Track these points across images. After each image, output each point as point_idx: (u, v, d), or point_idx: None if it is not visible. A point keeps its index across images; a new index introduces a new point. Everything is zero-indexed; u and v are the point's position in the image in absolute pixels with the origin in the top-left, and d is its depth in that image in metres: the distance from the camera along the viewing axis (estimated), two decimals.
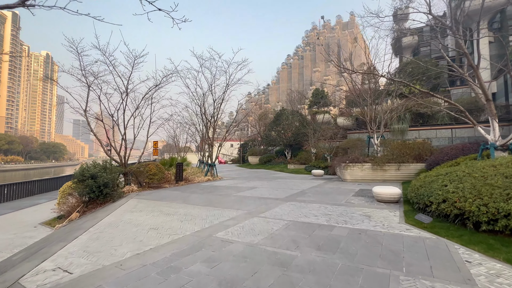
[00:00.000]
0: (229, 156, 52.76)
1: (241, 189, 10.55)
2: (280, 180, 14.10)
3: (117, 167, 10.89)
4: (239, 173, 19.70)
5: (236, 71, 14.77)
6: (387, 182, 11.68)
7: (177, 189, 11.12)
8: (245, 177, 16.53)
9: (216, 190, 10.48)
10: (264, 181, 13.76)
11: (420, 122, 17.25)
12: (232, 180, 14.74)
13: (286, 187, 10.89)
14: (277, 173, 19.01)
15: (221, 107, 15.57)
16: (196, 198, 8.68)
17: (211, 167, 15.76)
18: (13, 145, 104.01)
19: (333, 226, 4.85)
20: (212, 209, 6.75)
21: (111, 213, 6.64)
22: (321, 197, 8.09)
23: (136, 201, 8.32)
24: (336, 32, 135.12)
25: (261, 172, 20.16)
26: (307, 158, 21.67)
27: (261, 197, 8.35)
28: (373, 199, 7.53)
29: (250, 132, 57.58)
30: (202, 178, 14.92)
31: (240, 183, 12.81)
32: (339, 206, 6.63)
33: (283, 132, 26.42)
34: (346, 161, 12.52)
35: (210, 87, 14.94)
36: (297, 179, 14.61)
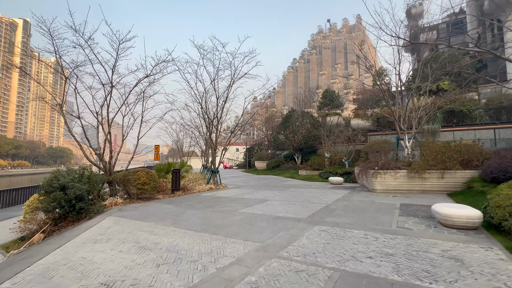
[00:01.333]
0: (235, 161, 50.81)
1: (249, 203, 8.51)
2: (294, 189, 12.01)
3: (99, 175, 9.02)
4: (246, 180, 17.68)
5: (243, 64, 12.89)
6: (428, 193, 9.48)
7: (171, 202, 9.15)
8: (252, 185, 14.50)
9: (218, 204, 8.47)
10: (275, 190, 11.71)
11: (454, 122, 14.98)
12: (238, 189, 12.72)
13: (304, 200, 8.81)
14: (288, 180, 16.91)
15: (226, 105, 13.67)
16: (191, 216, 6.69)
17: (213, 173, 13.79)
18: (20, 149, 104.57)
19: (416, 286, 2.78)
20: (209, 237, 4.74)
21: (66, 243, 4.70)
22: (358, 218, 5.99)
23: (113, 221, 6.38)
24: (343, 35, 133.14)
25: (270, 179, 18.09)
26: (320, 163, 19.52)
27: (277, 216, 6.30)
28: (431, 221, 5.41)
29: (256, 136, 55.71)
30: (204, 187, 12.95)
31: (247, 194, 10.78)
32: (394, 236, 4.53)
33: (293, 135, 24.36)
34: (375, 168, 10.37)
35: (213, 83, 13.08)
36: (313, 188, 12.49)
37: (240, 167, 41.41)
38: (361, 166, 11.30)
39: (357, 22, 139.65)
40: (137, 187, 9.12)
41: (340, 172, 15.69)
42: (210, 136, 13.16)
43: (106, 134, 9.76)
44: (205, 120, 13.18)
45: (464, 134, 14.01)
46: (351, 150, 16.84)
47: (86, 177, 8.00)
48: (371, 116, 19.36)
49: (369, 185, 10.66)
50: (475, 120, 14.36)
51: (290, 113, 26.10)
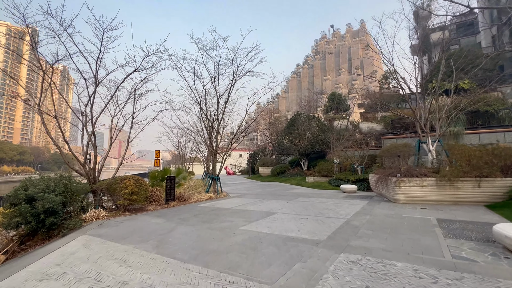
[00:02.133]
0: (238, 167, 49.55)
1: (253, 216, 7.22)
2: (303, 199, 10.68)
3: (81, 184, 7.86)
4: (249, 188, 16.38)
5: (245, 62, 11.79)
6: (462, 205, 8.09)
7: (162, 215, 7.91)
8: (256, 193, 13.19)
9: (217, 218, 7.20)
10: (282, 200, 10.39)
11: (479, 123, 13.57)
12: (240, 198, 11.44)
13: (317, 212, 7.49)
14: (295, 188, 15.57)
15: (227, 106, 12.53)
16: (182, 235, 5.43)
17: (214, 181, 12.55)
18: (25, 155, 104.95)
19: None
20: (198, 273, 3.47)
21: (5, 278, 3.48)
22: (392, 240, 4.67)
23: (84, 242, 5.16)
24: (347, 40, 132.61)
25: (275, 186, 16.76)
26: (329, 169, 18.16)
27: (288, 237, 5.01)
28: (493, 246, 4.08)
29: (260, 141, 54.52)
30: (203, 196, 11.70)
31: (250, 204, 9.49)
32: (457, 274, 3.22)
33: (299, 140, 23.08)
34: (397, 175, 9.02)
35: (213, 81, 11.98)
36: (324, 197, 11.15)
37: (243, 173, 40.13)
38: (380, 173, 9.94)
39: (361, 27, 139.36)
40: (123, 197, 7.91)
41: (353, 179, 14.31)
42: (210, 140, 11.97)
43: (90, 135, 8.64)
44: (205, 123, 12.00)
45: (491, 136, 12.58)
46: (364, 155, 15.47)
47: (62, 186, 6.85)
48: (384, 118, 18.01)
49: (390, 194, 9.29)
50: (504, 121, 12.95)
51: (295, 117, 24.88)
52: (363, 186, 13.56)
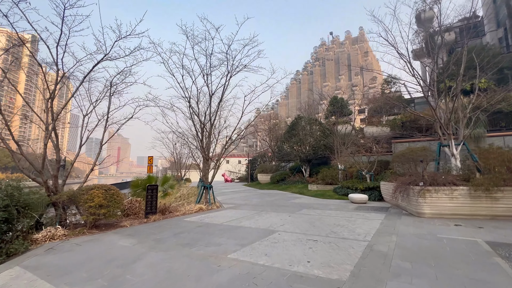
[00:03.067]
0: (237, 174, 47.97)
1: (247, 236, 5.74)
2: (307, 211, 9.18)
3: (37, 194, 6.40)
4: (246, 197, 14.86)
5: (242, 56, 10.49)
6: (504, 220, 6.62)
7: (135, 233, 6.41)
8: (254, 204, 11.68)
9: (201, 239, 5.71)
10: (284, 212, 8.89)
11: (502, 125, 12.22)
12: (235, 210, 9.93)
13: (329, 231, 6.00)
14: (296, 197, 14.05)
15: (222, 107, 11.18)
16: (146, 270, 3.94)
17: (205, 190, 11.07)
18: (20, 162, 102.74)
19: None
20: None
21: None
22: (448, 282, 3.20)
23: (5, 280, 3.67)
24: (346, 47, 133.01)
25: (275, 195, 15.24)
26: (334, 176, 16.69)
27: (294, 274, 3.54)
28: None
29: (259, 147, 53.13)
30: (192, 207, 10.21)
31: (246, 219, 7.99)
32: None
33: (300, 145, 21.68)
34: (419, 183, 7.57)
35: (206, 78, 10.66)
36: (332, 208, 9.65)
37: (242, 180, 38.58)
38: (399, 181, 8.48)
39: (360, 34, 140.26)
40: (89, 211, 6.42)
41: (361, 188, 12.83)
42: (201, 143, 10.54)
43: (48, 135, 7.23)
44: (196, 125, 10.59)
45: None
46: (373, 161, 14.02)
47: (5, 198, 5.39)
48: (394, 121, 16.64)
49: (412, 207, 7.81)
50: None
51: (296, 121, 23.55)
52: (374, 195, 12.08)
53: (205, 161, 11.14)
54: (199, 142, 10.79)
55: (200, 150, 11.15)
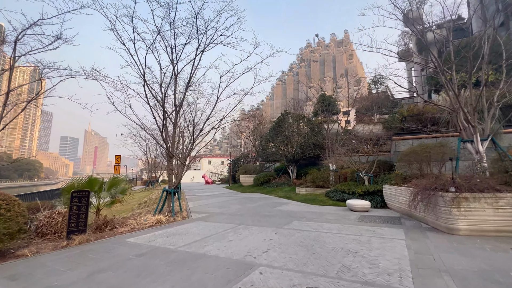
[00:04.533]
0: (218, 175, 45.33)
1: (208, 279, 3.43)
2: (299, 224, 6.99)
3: None
4: (224, 202, 12.49)
5: (218, 26, 8.16)
6: None
7: (22, 275, 3.89)
8: (232, 212, 9.34)
9: (133, 285, 3.33)
10: (269, 227, 6.65)
11: None
12: (205, 223, 7.55)
13: (339, 267, 3.81)
14: (283, 203, 11.89)
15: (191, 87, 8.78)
16: None
17: (169, 196, 8.61)
18: None
19: None
20: None
21: None
22: None
23: None
24: (331, 49, 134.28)
25: (259, 200, 12.99)
26: (325, 178, 14.75)
27: None
28: None
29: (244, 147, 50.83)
30: (149, 219, 7.73)
31: (216, 239, 5.66)
32: None
33: (287, 143, 19.64)
34: (450, 188, 5.63)
35: (170, 53, 8.22)
36: (331, 220, 7.52)
37: (224, 182, 36.05)
38: (420, 186, 6.50)
39: (345, 37, 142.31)
40: None
41: (359, 192, 10.89)
42: (162, 134, 8.05)
43: None
44: (153, 110, 8.07)
45: None
46: (372, 161, 12.17)
47: None
48: (393, 116, 14.94)
49: (441, 220, 5.83)
50: None
51: (282, 117, 21.51)
52: (375, 201, 10.16)
53: (168, 158, 8.66)
54: (162, 134, 8.29)
55: (164, 145, 8.64)
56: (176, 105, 8.35)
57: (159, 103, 7.73)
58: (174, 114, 8.52)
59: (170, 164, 8.59)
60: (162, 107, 7.65)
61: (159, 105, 7.78)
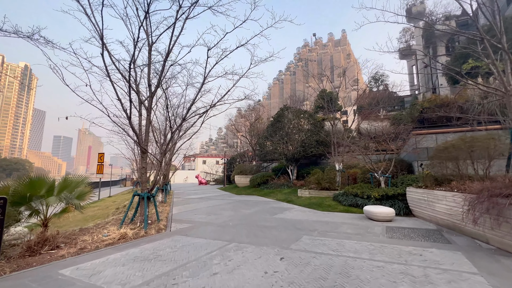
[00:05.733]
0: (213, 175, 43.36)
1: None
2: (312, 242, 5.15)
3: None
4: (215, 207, 10.61)
5: None
6: None
7: None
8: (222, 222, 7.47)
9: None
10: (270, 247, 4.82)
11: None
12: (186, 238, 5.67)
13: None
14: (285, 208, 10.06)
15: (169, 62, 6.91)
16: None
17: (141, 202, 6.71)
18: None
19: None
20: None
21: None
22: None
23: None
24: (329, 49, 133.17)
25: (255, 205, 11.13)
26: (332, 179, 12.97)
27: None
28: None
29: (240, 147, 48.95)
30: (110, 234, 5.84)
31: (196, 267, 3.79)
32: None
33: (287, 141, 17.84)
34: None
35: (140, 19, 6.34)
36: (351, 235, 5.69)
37: (218, 182, 34.13)
38: (484, 191, 4.69)
39: (343, 37, 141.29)
40: None
41: (376, 196, 9.12)
42: (130, 121, 6.15)
43: None
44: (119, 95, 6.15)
45: None
46: (388, 159, 10.42)
47: None
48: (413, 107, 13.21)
49: None
50: None
51: (281, 112, 19.69)
52: (398, 207, 8.39)
53: (141, 154, 6.76)
54: (130, 122, 6.36)
55: (135, 137, 6.72)
56: (150, 85, 6.45)
57: (124, 78, 5.82)
58: (149, 98, 6.62)
59: (143, 161, 6.69)
60: (127, 82, 5.72)
61: (125, 81, 5.87)
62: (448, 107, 10.00)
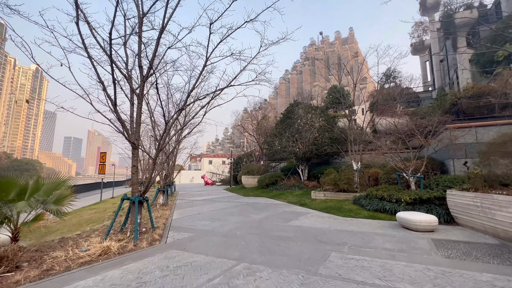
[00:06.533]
0: (220, 176, 42.36)
1: None
2: (343, 261, 3.89)
3: None
4: (221, 211, 9.45)
5: None
6: None
7: None
8: (228, 231, 6.29)
9: None
10: (291, 271, 3.60)
11: None
12: (182, 254, 4.50)
13: None
14: (299, 213, 8.82)
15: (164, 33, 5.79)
16: None
17: (132, 207, 5.61)
18: None
19: None
20: None
21: None
22: None
23: None
24: (336, 47, 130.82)
25: (265, 209, 9.91)
26: (350, 179, 11.64)
27: None
28: None
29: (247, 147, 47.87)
30: (90, 248, 4.74)
31: None
32: None
33: (297, 138, 16.57)
34: None
35: None
36: (397, 254, 4.40)
37: (225, 183, 33.06)
38: None
39: (350, 35, 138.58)
40: None
41: (407, 199, 7.78)
42: (115, 110, 5.04)
43: None
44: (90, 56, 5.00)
45: None
46: (420, 158, 9.06)
47: None
48: (443, 97, 11.77)
49: None
50: None
51: (291, 108, 18.41)
52: (435, 213, 7.05)
53: (132, 150, 5.65)
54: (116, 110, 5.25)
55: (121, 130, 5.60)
56: (141, 66, 5.34)
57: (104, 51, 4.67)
58: (141, 83, 5.51)
59: (133, 158, 5.58)
60: (109, 57, 4.57)
61: (107, 58, 4.74)
62: (488, 96, 8.55)
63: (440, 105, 10.79)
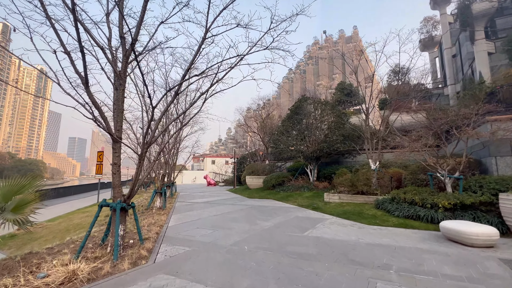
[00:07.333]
0: (223, 176, 41.21)
1: None
2: None
3: None
4: (224, 217, 8.27)
5: None
6: None
7: None
8: (232, 245, 5.10)
9: None
10: None
11: None
12: (174, 282, 3.32)
13: None
14: (314, 218, 7.59)
15: None
16: None
17: (114, 215, 4.45)
18: None
19: None
20: None
21: None
22: None
23: None
24: (340, 46, 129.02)
25: (274, 213, 8.69)
26: (369, 180, 10.39)
27: None
28: None
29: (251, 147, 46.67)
30: (52, 272, 3.57)
31: None
32: None
33: (306, 135, 15.33)
34: None
35: None
36: (465, 283, 3.22)
37: (228, 183, 31.88)
38: None
39: (354, 34, 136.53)
40: None
41: (445, 204, 6.51)
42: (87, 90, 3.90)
43: None
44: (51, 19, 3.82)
45: None
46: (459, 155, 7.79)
47: None
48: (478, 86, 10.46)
49: None
50: None
51: (300, 103, 17.17)
52: (485, 221, 5.79)
53: (113, 143, 4.50)
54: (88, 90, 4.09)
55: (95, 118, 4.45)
56: (122, 37, 4.19)
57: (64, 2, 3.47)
58: (123, 58, 4.36)
59: (114, 154, 4.42)
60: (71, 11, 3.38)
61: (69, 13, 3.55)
62: None
63: (473, 95, 9.46)
